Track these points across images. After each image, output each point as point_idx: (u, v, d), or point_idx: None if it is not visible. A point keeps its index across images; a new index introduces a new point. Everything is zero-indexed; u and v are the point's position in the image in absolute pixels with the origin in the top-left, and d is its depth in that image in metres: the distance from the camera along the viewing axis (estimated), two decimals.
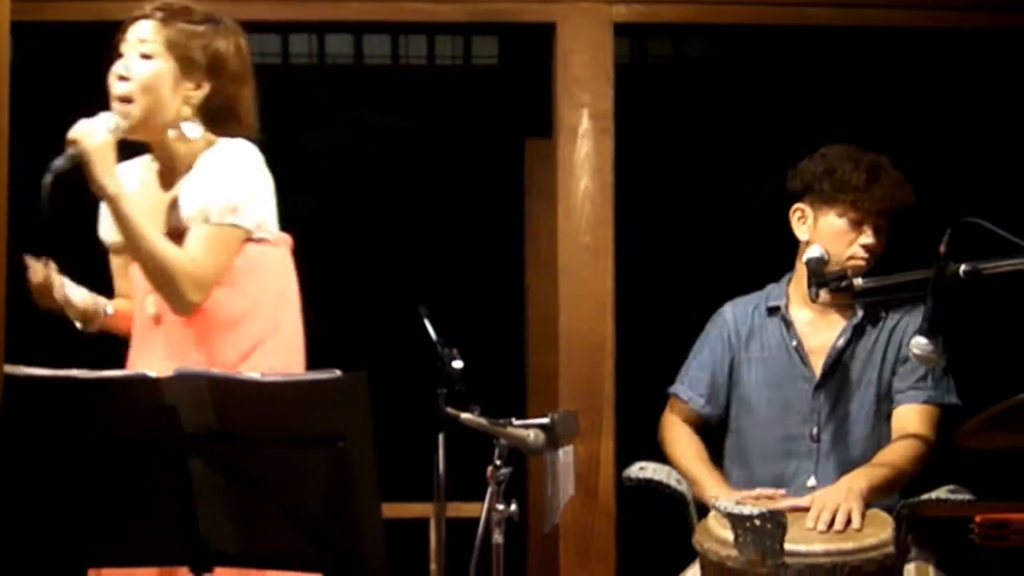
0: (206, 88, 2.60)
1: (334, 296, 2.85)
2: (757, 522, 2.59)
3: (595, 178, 3.58)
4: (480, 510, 2.62)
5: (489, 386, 2.77)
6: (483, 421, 2.61)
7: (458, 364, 2.68)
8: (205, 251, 2.51)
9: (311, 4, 3.63)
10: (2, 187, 1.97)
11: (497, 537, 2.60)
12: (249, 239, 2.58)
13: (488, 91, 4.31)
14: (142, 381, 2.03)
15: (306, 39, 4.34)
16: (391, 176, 4.34)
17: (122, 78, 2.55)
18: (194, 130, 2.60)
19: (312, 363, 2.02)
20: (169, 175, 2.65)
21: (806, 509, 2.85)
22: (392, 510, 2.22)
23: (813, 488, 3.01)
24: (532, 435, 2.62)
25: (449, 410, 2.62)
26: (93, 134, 2.46)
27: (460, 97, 4.35)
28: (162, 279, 2.47)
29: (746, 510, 2.63)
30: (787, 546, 2.61)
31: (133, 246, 2.49)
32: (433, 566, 3.27)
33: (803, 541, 2.71)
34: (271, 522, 2.06)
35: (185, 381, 2.02)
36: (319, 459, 2.02)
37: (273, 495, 2.04)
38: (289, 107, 2.71)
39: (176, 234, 2.56)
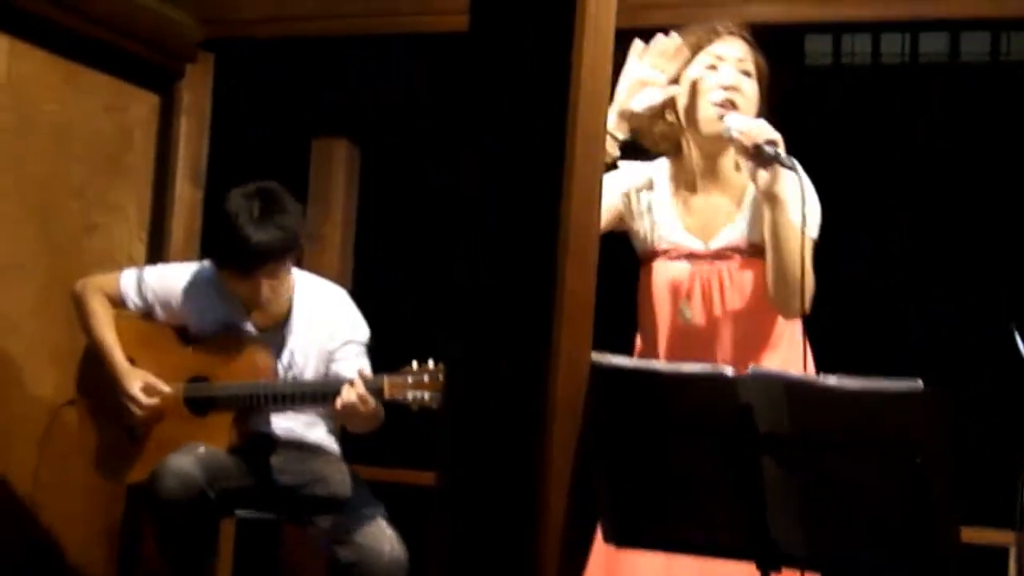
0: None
1: (928, 306, 2.74)
2: None
3: None
4: None
5: None
6: None
7: None
8: (809, 264, 2.54)
9: (904, 2, 3.51)
10: (596, 189, 2.08)
11: None
12: None
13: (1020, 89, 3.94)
14: (719, 378, 2.06)
15: (898, 38, 4.20)
16: (991, 180, 4.08)
17: (731, 88, 2.62)
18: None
19: (897, 374, 1.95)
20: (695, 187, 2.71)
21: None
22: (971, 534, 2.09)
23: None
24: None
25: None
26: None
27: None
28: (795, 283, 2.51)
29: None
30: None
31: (785, 251, 2.52)
32: None
33: None
34: (841, 529, 2.02)
35: (761, 381, 2.03)
36: (894, 471, 1.95)
37: (844, 502, 2.00)
38: (881, 108, 2.63)
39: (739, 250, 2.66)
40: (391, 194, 4.68)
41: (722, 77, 2.63)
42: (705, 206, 2.72)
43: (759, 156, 2.47)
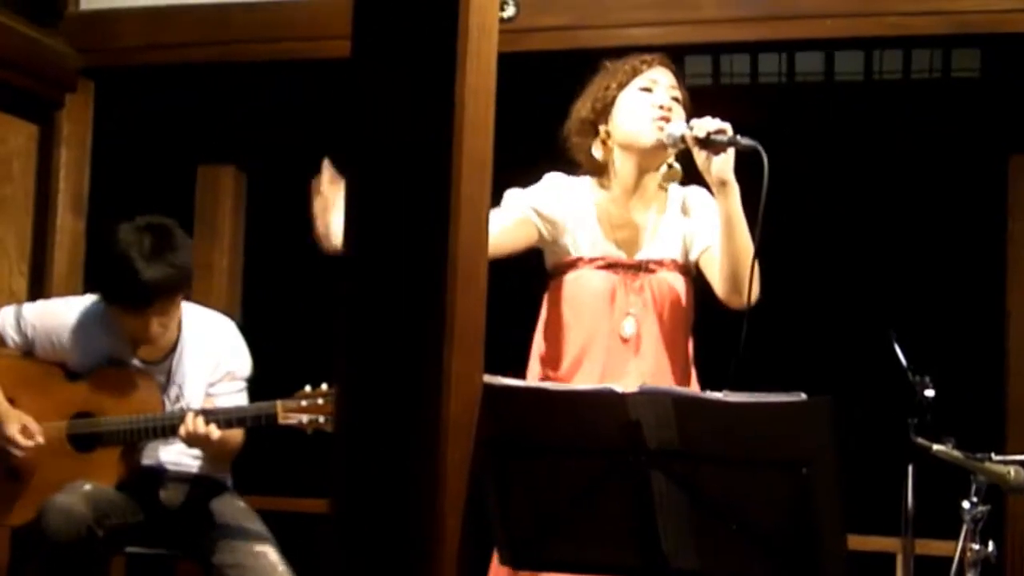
0: None
1: (802, 317, 2.82)
2: None
3: None
4: (952, 549, 2.48)
5: (964, 417, 2.61)
6: (957, 454, 2.47)
7: (930, 392, 2.55)
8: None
9: (782, 23, 3.60)
10: (484, 212, 2.09)
11: None
12: None
13: (969, 105, 4.08)
14: (609, 395, 2.08)
15: (775, 58, 4.30)
16: (863, 195, 4.20)
17: (664, 108, 2.79)
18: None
19: (783, 388, 1.99)
20: (621, 202, 2.84)
21: None
22: (857, 542, 2.15)
23: None
24: (1013, 472, 2.46)
25: (920, 441, 2.51)
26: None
27: (938, 113, 4.15)
28: (745, 272, 2.64)
29: None
30: None
31: (739, 235, 2.66)
32: None
33: None
34: (731, 542, 2.04)
35: (650, 398, 2.05)
36: (782, 483, 1.98)
37: (734, 515, 2.03)
38: (760, 127, 2.71)
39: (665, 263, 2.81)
40: (279, 220, 4.64)
41: (657, 98, 2.81)
42: (630, 221, 2.85)
43: (712, 145, 2.63)
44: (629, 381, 2.62)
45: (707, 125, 2.64)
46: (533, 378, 2.82)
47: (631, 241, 2.83)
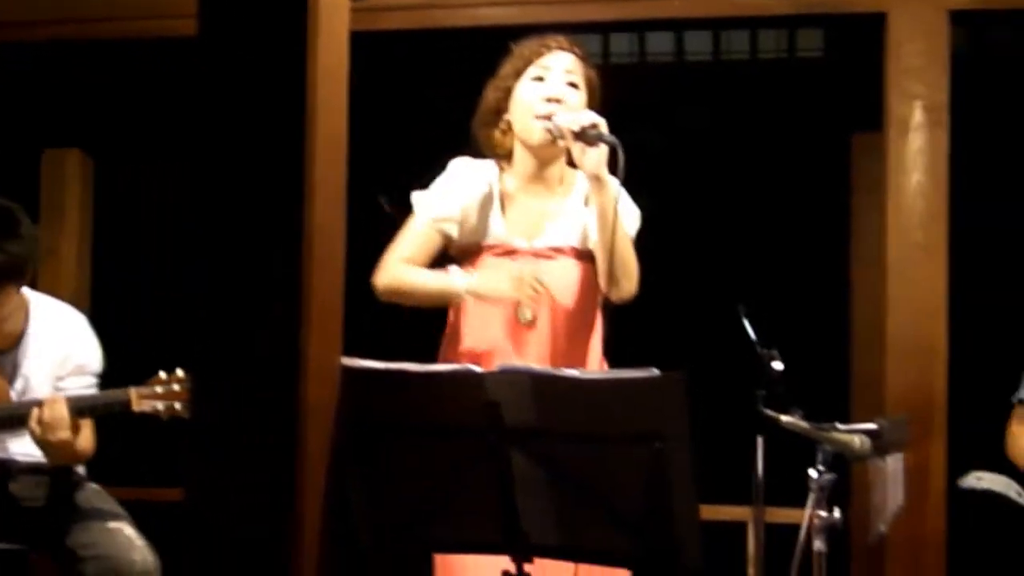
0: None
1: (652, 293, 2.87)
2: None
3: (928, 173, 3.43)
4: (800, 516, 2.56)
5: (811, 389, 2.69)
6: (805, 425, 2.54)
7: (778, 365, 2.62)
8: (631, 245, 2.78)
9: (632, 3, 3.64)
10: (339, 193, 2.08)
11: (819, 545, 2.53)
12: None
13: (813, 85, 4.20)
14: (467, 375, 2.09)
15: (627, 38, 4.35)
16: (712, 173, 4.29)
17: (554, 99, 2.75)
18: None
19: (634, 363, 2.03)
20: (523, 190, 2.84)
21: None
22: (709, 512, 2.20)
23: None
24: (858, 441, 2.54)
25: (769, 413, 2.57)
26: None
27: (784, 92, 4.26)
28: (626, 266, 2.70)
29: None
30: None
31: (609, 231, 2.66)
32: (751, 571, 3.22)
33: None
34: (588, 517, 2.07)
35: (508, 376, 2.07)
36: (636, 457, 2.02)
37: (590, 491, 2.06)
38: (610, 107, 2.74)
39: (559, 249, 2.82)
40: (127, 204, 4.54)
41: (546, 89, 2.77)
42: (532, 206, 2.84)
43: (585, 138, 2.64)
44: (530, 359, 2.66)
45: (581, 119, 2.66)
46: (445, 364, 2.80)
47: (532, 227, 2.83)
